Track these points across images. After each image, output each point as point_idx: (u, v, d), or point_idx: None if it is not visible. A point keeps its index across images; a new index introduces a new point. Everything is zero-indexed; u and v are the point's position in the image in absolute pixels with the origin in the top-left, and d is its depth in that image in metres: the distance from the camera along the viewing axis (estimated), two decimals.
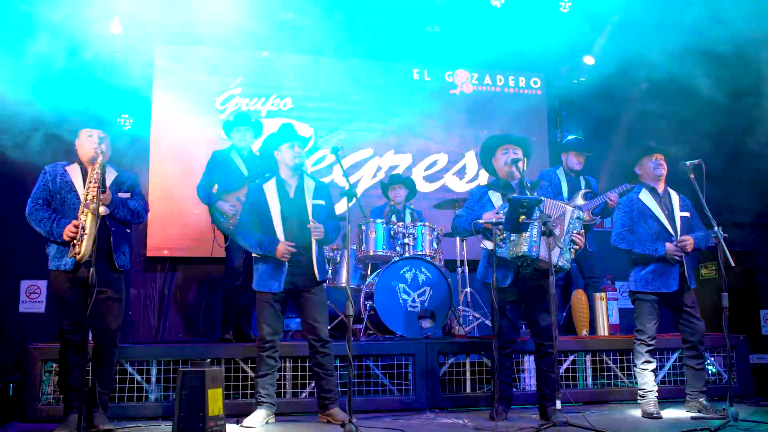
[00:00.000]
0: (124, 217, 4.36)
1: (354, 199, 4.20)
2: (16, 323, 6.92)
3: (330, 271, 6.25)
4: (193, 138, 7.20)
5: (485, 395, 5.43)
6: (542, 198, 4.40)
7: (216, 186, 5.90)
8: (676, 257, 4.83)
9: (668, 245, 4.84)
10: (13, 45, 5.54)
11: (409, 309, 5.82)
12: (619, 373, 5.75)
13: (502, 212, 4.58)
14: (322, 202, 4.83)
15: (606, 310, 6.03)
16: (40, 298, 7.08)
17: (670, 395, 5.57)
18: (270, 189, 4.76)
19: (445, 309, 5.89)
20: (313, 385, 5.20)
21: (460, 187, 7.96)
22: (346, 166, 7.64)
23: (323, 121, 7.64)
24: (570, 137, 7.76)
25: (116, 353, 4.45)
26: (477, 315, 6.25)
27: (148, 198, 6.30)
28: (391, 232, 6.18)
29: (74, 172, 4.40)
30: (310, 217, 4.68)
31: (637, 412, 5.00)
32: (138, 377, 5.00)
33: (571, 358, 5.65)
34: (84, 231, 4.04)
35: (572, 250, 4.57)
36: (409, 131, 7.90)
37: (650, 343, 4.93)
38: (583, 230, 4.60)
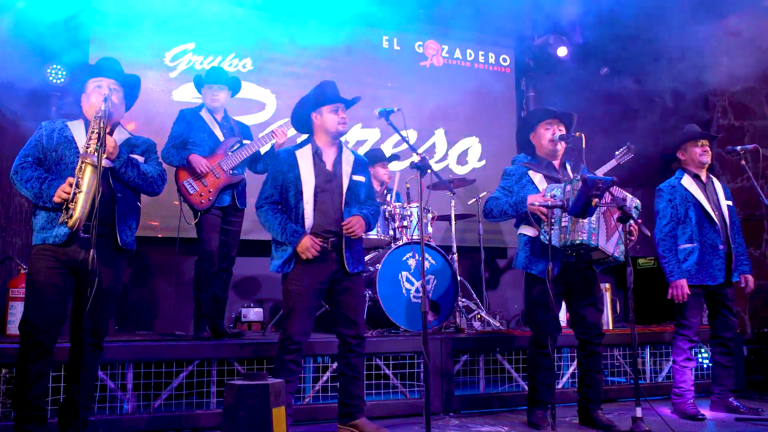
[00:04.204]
0: (134, 181, 3.48)
1: (430, 172, 3.55)
2: None
3: None
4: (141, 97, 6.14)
5: (499, 396, 4.94)
6: (615, 179, 3.92)
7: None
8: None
9: None
10: None
11: (412, 300, 5.20)
12: (628, 369, 5.45)
13: (549, 194, 4.09)
14: (362, 179, 4.12)
15: (611, 303, 5.70)
16: None
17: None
18: (304, 157, 3.97)
19: (450, 300, 5.32)
20: (317, 388, 4.50)
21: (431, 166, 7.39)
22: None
23: (285, 86, 6.80)
24: None
25: (100, 358, 3.55)
26: (473, 307, 5.73)
27: None
28: (386, 213, 5.51)
29: (77, 127, 3.52)
30: (344, 199, 3.97)
31: (666, 411, 4.68)
32: (110, 384, 4.07)
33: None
34: (79, 189, 3.13)
35: (628, 240, 4.14)
36: (378, 104, 7.16)
37: (694, 339, 4.62)
38: (640, 221, 4.17)
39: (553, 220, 4.04)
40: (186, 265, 5.91)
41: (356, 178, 4.05)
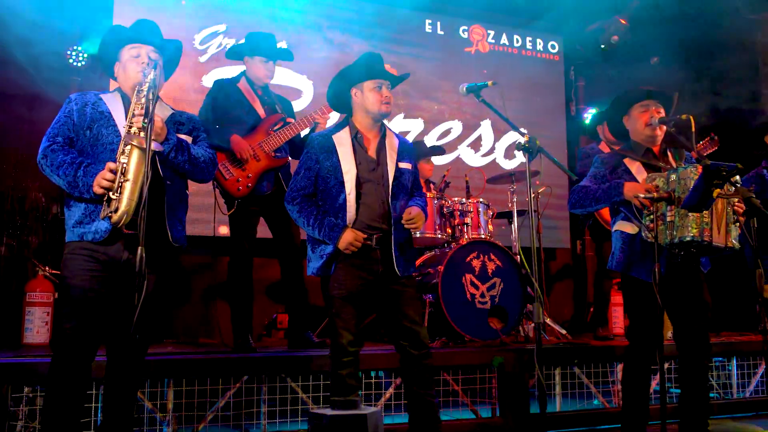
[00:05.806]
0: (184, 167, 2.92)
1: (540, 156, 3.00)
2: None
3: None
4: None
5: (578, 414, 4.40)
6: (741, 166, 3.36)
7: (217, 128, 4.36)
8: None
9: None
10: None
11: (477, 305, 4.65)
12: (714, 383, 4.90)
13: (652, 184, 3.54)
14: (408, 166, 3.47)
15: None
16: None
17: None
18: (343, 142, 3.35)
19: (518, 305, 4.78)
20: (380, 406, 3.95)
21: (475, 160, 6.85)
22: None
23: (323, 72, 6.24)
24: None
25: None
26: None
27: None
28: (443, 209, 4.96)
29: (112, 100, 2.95)
30: (390, 190, 3.36)
31: None
32: (147, 405, 3.52)
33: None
34: (125, 177, 2.60)
35: (737, 224, 3.61)
36: (420, 93, 6.67)
37: None
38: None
39: (658, 215, 3.49)
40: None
41: (402, 165, 3.43)
